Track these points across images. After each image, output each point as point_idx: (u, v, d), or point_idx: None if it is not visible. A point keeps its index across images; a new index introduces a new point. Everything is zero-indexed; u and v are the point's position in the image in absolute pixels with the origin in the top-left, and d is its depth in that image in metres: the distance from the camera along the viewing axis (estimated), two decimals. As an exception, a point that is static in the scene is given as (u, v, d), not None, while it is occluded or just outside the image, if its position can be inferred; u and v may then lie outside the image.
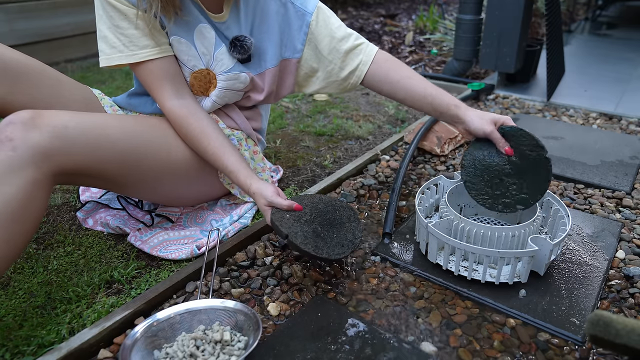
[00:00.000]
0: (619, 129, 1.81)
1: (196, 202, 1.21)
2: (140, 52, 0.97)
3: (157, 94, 1.02)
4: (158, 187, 1.06)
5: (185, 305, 0.86)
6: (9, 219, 0.76)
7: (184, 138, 1.05)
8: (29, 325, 0.88)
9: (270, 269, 1.01)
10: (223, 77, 1.08)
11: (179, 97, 1.03)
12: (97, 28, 0.97)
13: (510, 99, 2.14)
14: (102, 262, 1.06)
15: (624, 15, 4.61)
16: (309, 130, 1.80)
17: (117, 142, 0.93)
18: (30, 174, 0.79)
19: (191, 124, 1.02)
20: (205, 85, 1.09)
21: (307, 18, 1.10)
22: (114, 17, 0.95)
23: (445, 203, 1.05)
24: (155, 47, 0.99)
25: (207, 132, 1.03)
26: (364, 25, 3.95)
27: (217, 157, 1.02)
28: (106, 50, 0.97)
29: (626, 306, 0.91)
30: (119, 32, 0.96)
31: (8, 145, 0.78)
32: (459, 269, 0.97)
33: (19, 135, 0.79)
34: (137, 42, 0.97)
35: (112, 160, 0.93)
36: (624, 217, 1.21)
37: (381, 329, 0.86)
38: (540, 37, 2.63)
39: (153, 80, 1.01)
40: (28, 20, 2.52)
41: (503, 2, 2.03)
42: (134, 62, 0.98)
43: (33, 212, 0.80)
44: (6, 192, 0.76)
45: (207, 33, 1.03)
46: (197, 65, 1.05)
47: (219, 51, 1.05)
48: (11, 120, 0.80)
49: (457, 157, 1.56)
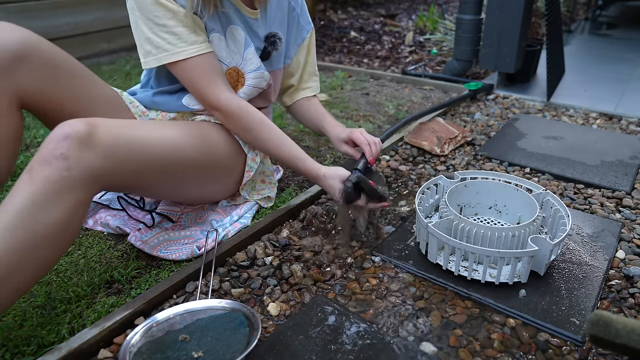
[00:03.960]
0: (619, 129, 1.81)
1: (211, 201, 1.23)
2: (189, 48, 0.97)
3: (210, 89, 1.01)
4: (187, 191, 1.09)
5: (185, 305, 0.86)
6: (50, 243, 0.75)
7: (241, 129, 1.07)
8: (29, 325, 0.87)
9: (270, 269, 1.01)
10: (252, 75, 1.11)
11: (230, 90, 1.06)
12: (138, 31, 0.97)
13: (510, 99, 2.14)
14: (102, 262, 1.06)
15: (624, 15, 4.61)
16: (309, 130, 1.80)
17: (162, 160, 0.93)
18: (79, 196, 0.77)
19: (251, 113, 1.05)
20: (234, 84, 1.11)
21: (304, 34, 1.24)
22: (159, 17, 0.94)
23: (445, 203, 1.05)
24: (203, 43, 0.99)
25: (265, 122, 1.07)
26: (364, 25, 3.94)
27: (279, 145, 1.07)
28: (153, 51, 0.97)
29: (626, 306, 0.91)
30: (165, 31, 0.95)
31: (63, 165, 0.75)
32: (459, 269, 0.97)
33: (74, 154, 0.76)
34: (186, 38, 0.97)
35: (155, 175, 0.94)
36: (624, 217, 1.21)
37: (381, 329, 0.86)
38: (540, 37, 2.63)
39: (203, 75, 1.00)
40: (28, 20, 2.52)
41: (503, 2, 2.03)
42: (183, 59, 0.97)
43: (74, 231, 0.79)
44: (52, 215, 0.74)
45: (237, 35, 1.06)
46: (231, 63, 1.08)
47: (247, 51, 1.09)
48: (67, 134, 0.76)
49: (457, 157, 1.56)
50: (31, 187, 0.73)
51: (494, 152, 1.58)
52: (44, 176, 0.73)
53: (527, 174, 1.45)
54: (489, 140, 1.68)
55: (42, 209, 0.73)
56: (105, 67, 2.68)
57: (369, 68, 2.77)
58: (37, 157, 0.75)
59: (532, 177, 1.43)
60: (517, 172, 1.46)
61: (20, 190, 0.73)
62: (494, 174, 1.17)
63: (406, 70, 2.56)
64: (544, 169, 1.46)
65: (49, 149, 0.75)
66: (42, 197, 0.73)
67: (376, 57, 3.04)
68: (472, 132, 1.74)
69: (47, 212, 0.73)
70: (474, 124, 1.85)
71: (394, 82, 2.47)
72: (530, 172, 1.46)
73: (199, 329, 0.81)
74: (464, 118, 1.92)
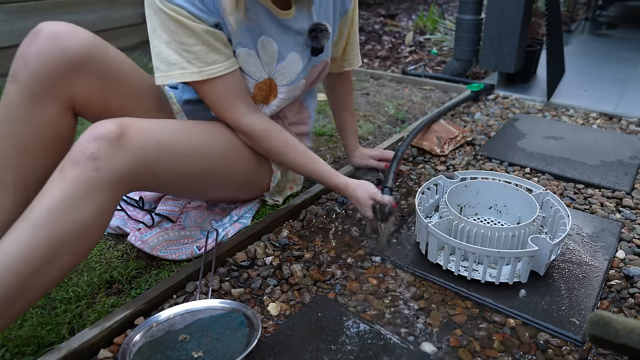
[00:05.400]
0: (619, 129, 1.81)
1: (236, 201, 1.23)
2: (208, 69, 0.92)
3: (230, 112, 0.98)
4: (213, 193, 1.09)
5: (185, 305, 0.86)
6: (77, 241, 0.75)
7: (265, 151, 1.06)
8: (29, 325, 0.87)
9: (270, 269, 1.01)
10: (284, 89, 1.08)
11: (253, 112, 1.02)
12: (151, 44, 0.91)
13: (510, 99, 2.14)
14: (102, 262, 1.06)
15: (624, 15, 4.60)
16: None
17: (189, 163, 0.92)
18: (108, 196, 0.77)
19: (273, 138, 1.03)
20: (267, 94, 1.07)
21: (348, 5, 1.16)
22: (177, 33, 0.88)
23: (445, 203, 1.05)
24: (225, 62, 0.94)
25: (290, 142, 1.05)
26: (364, 25, 3.94)
27: (306, 164, 1.07)
28: (161, 67, 0.91)
29: (626, 306, 0.91)
30: (182, 49, 0.89)
31: (92, 165, 0.74)
32: (459, 269, 0.97)
33: (104, 156, 0.76)
34: (205, 58, 0.91)
35: (182, 178, 0.93)
36: (624, 217, 1.21)
37: (381, 329, 0.86)
38: (540, 37, 2.63)
39: (224, 97, 0.97)
40: (28, 20, 2.52)
41: (503, 2, 2.03)
42: (201, 80, 0.92)
43: (100, 230, 0.79)
44: (80, 214, 0.74)
45: (269, 47, 1.00)
46: (263, 76, 1.03)
47: (281, 65, 1.04)
48: (99, 135, 0.76)
49: (457, 157, 1.56)
50: (61, 186, 0.73)
51: (494, 152, 1.58)
52: (73, 175, 0.74)
53: (527, 174, 1.45)
54: (489, 140, 1.68)
55: (70, 208, 0.73)
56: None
57: (369, 68, 2.77)
58: (68, 157, 0.76)
59: (532, 177, 1.43)
60: (517, 172, 1.46)
61: (50, 189, 0.74)
62: (494, 174, 1.17)
63: (406, 70, 2.56)
64: (544, 169, 1.46)
65: (79, 149, 0.75)
66: (72, 196, 0.73)
67: (376, 57, 3.04)
68: (472, 132, 1.74)
69: (76, 210, 0.73)
70: (474, 124, 1.85)
71: (394, 82, 2.47)
72: (530, 172, 1.46)
73: (199, 329, 0.81)
74: (464, 118, 1.92)
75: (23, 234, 0.70)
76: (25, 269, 0.69)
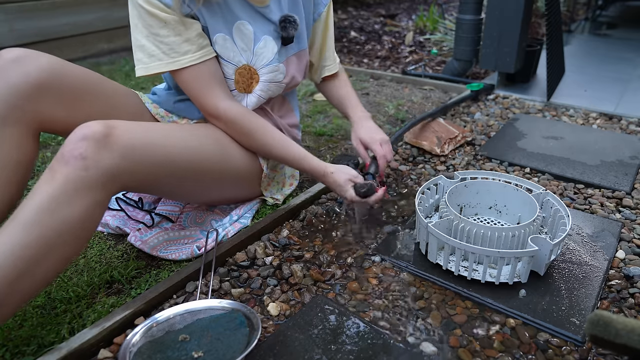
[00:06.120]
0: (619, 129, 1.81)
1: (233, 202, 1.23)
2: (181, 59, 0.96)
3: (208, 97, 1.01)
4: (206, 193, 1.08)
5: (185, 305, 0.86)
6: (67, 241, 0.76)
7: (243, 136, 1.07)
8: (29, 325, 0.87)
9: (270, 269, 1.01)
10: (265, 70, 1.09)
11: (230, 98, 1.04)
12: (133, 37, 0.96)
13: (510, 99, 2.14)
14: (102, 262, 1.06)
15: (624, 15, 4.60)
16: (309, 130, 1.80)
17: (178, 162, 0.93)
18: (97, 196, 0.78)
19: (252, 120, 1.05)
20: (248, 82, 1.09)
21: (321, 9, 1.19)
22: (152, 26, 0.93)
23: (445, 203, 1.05)
24: (197, 52, 0.97)
25: (267, 127, 1.07)
26: (364, 25, 3.94)
27: (284, 148, 1.08)
28: (144, 59, 0.96)
29: (626, 306, 0.91)
30: (158, 40, 0.94)
31: (80, 164, 0.76)
32: (459, 269, 0.97)
33: (91, 155, 0.77)
34: (178, 48, 0.95)
35: (171, 178, 0.94)
36: (624, 217, 1.21)
37: (381, 329, 0.86)
38: (540, 37, 2.63)
39: (200, 84, 1.00)
40: (27, 20, 2.52)
41: (503, 2, 2.03)
42: (175, 69, 0.97)
43: (90, 230, 0.80)
44: (70, 214, 0.75)
45: (245, 29, 1.03)
46: (241, 61, 1.06)
47: (258, 46, 1.06)
48: (85, 135, 0.78)
49: (457, 157, 1.56)
50: (51, 185, 0.75)
51: (494, 152, 1.58)
52: (62, 175, 0.75)
53: (527, 174, 1.45)
54: (489, 140, 1.68)
55: (60, 207, 0.74)
56: (104, 68, 2.68)
57: (369, 68, 2.77)
58: (57, 157, 0.77)
59: (532, 177, 1.43)
60: (517, 172, 1.47)
61: (40, 189, 0.75)
62: (494, 174, 1.17)
63: (406, 70, 2.56)
64: (544, 169, 1.46)
65: (68, 149, 0.77)
66: (61, 195, 0.74)
67: (376, 57, 3.04)
68: (472, 132, 1.74)
69: (65, 209, 0.74)
70: (474, 124, 1.85)
71: (394, 82, 2.47)
72: (530, 172, 1.46)
73: (199, 329, 0.81)
74: (464, 118, 1.92)
75: (13, 233, 0.71)
76: (14, 270, 0.70)
